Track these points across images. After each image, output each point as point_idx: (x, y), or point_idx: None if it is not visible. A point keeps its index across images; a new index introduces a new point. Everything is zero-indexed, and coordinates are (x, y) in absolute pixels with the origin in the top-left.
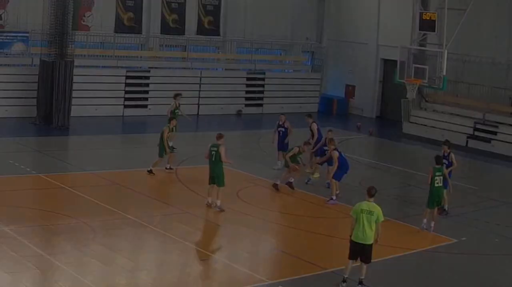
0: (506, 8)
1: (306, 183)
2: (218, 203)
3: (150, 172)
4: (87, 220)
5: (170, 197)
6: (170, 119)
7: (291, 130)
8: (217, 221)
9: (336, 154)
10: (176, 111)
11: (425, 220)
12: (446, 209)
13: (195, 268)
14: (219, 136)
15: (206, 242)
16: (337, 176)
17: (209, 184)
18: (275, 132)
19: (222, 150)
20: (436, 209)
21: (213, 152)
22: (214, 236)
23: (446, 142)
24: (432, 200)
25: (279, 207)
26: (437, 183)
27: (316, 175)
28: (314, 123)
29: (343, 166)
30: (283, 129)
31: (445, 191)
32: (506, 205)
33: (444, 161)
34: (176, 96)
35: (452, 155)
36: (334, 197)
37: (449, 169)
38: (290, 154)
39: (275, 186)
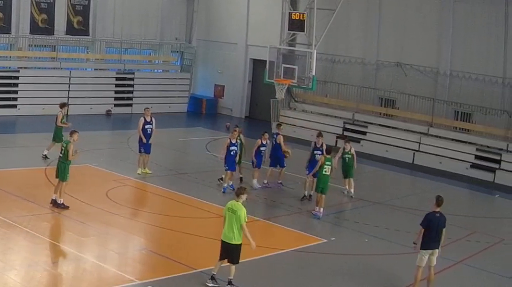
0: (375, 9)
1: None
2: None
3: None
4: None
5: (39, 197)
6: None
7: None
8: (87, 221)
9: None
10: (63, 121)
11: (317, 207)
12: (312, 194)
13: (64, 268)
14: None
15: (76, 242)
16: None
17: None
18: (142, 130)
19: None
20: (322, 196)
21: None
22: (83, 236)
23: (320, 134)
24: (317, 185)
25: (149, 207)
26: (325, 172)
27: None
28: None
29: None
30: (151, 126)
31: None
32: (374, 205)
33: (319, 151)
34: (63, 105)
35: (325, 146)
36: None
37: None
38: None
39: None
